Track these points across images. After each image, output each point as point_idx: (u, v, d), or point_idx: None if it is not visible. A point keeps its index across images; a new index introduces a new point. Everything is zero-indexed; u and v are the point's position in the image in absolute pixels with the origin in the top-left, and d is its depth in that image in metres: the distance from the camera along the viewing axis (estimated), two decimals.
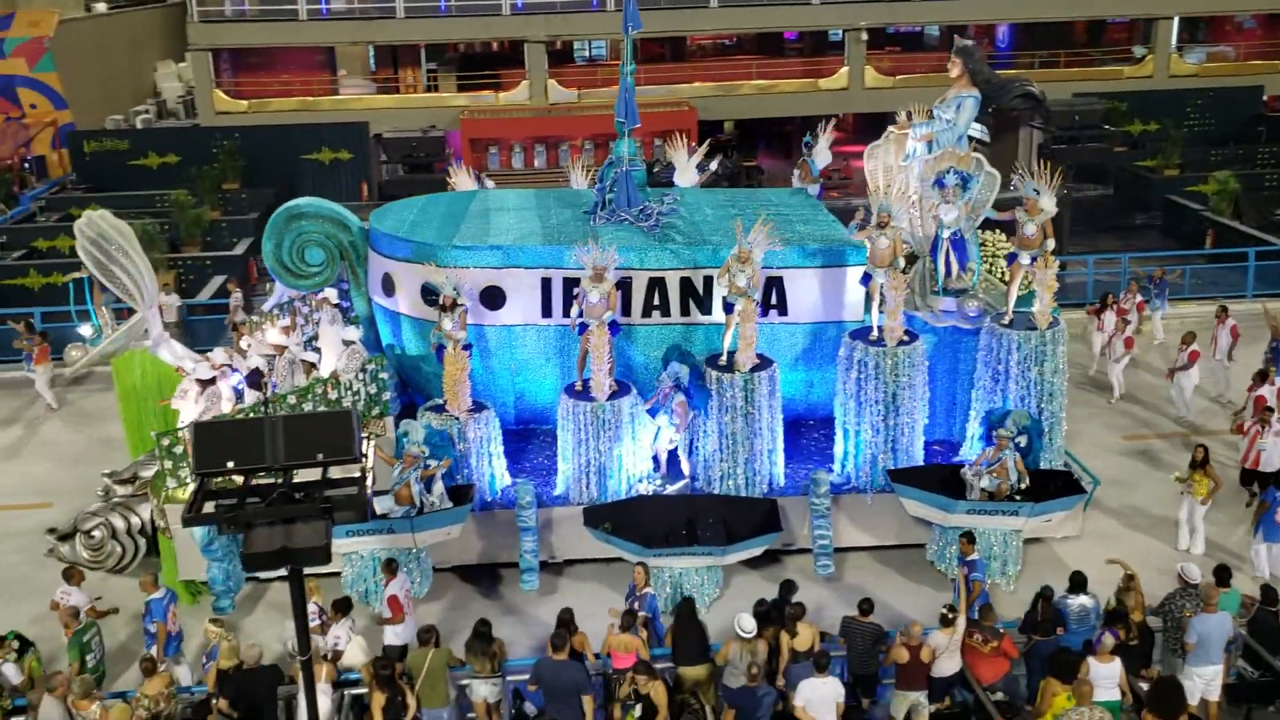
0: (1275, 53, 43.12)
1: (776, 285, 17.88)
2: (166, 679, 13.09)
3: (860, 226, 17.25)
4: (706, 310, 17.78)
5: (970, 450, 17.51)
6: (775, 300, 17.94)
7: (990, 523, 16.14)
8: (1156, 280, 24.99)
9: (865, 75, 40.97)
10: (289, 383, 17.48)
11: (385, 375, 17.78)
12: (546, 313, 17.82)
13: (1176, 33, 42.61)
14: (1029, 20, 42.58)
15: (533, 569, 16.63)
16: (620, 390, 16.97)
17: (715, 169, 22.80)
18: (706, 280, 17.65)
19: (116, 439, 19.80)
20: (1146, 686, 12.96)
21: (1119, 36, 45.55)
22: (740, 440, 16.78)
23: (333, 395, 17.00)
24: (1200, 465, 17.12)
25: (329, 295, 19.31)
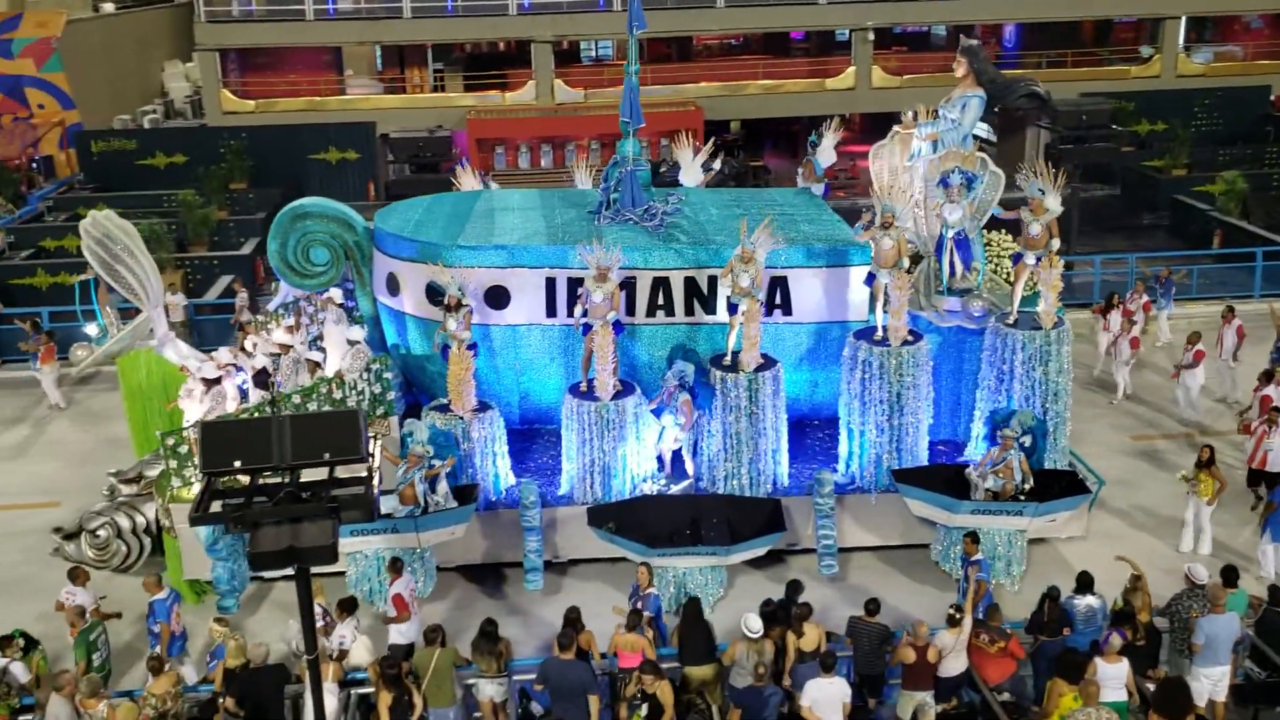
0: None
1: (781, 285, 17.87)
2: (174, 678, 13.12)
3: (866, 227, 17.23)
4: (711, 310, 17.77)
5: (975, 450, 17.48)
6: (780, 300, 17.94)
7: (995, 523, 16.11)
8: (1162, 280, 24.95)
9: (872, 75, 40.99)
10: (293, 382, 17.51)
11: (390, 375, 17.79)
12: (551, 312, 17.82)
13: (1184, 32, 42.53)
14: (1036, 20, 42.56)
15: (537, 569, 16.62)
16: (624, 390, 16.96)
17: (718, 169, 22.76)
18: (711, 280, 17.64)
19: (123, 438, 19.82)
20: (1153, 687, 12.94)
21: (1126, 36, 45.48)
22: (744, 440, 16.76)
23: (337, 395, 17.03)
24: (1206, 465, 17.08)
25: (334, 295, 19.32)
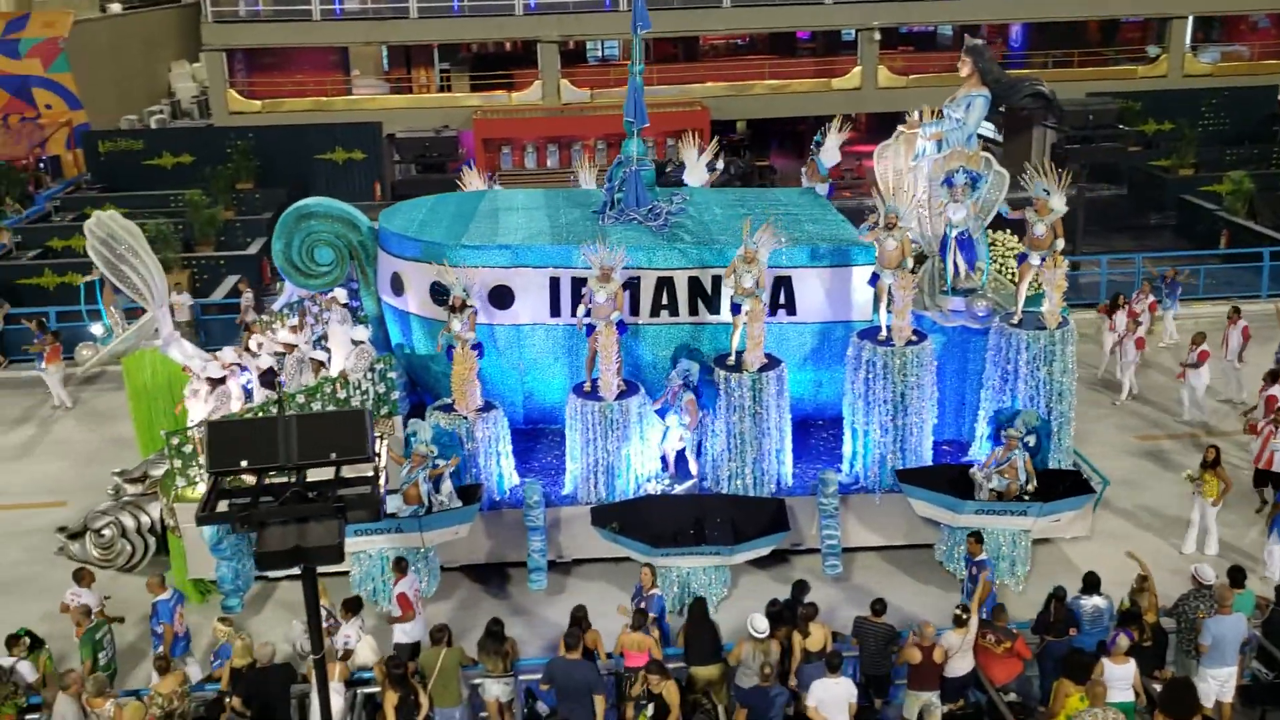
0: None
1: (785, 285, 17.87)
2: (180, 677, 13.13)
3: (870, 228, 17.22)
4: (715, 310, 17.76)
5: (979, 450, 17.46)
6: (784, 300, 17.93)
7: (999, 523, 16.10)
8: (1168, 281, 24.89)
9: (878, 75, 40.87)
10: (297, 381, 17.54)
11: (394, 374, 17.81)
12: (555, 312, 17.82)
13: (1191, 32, 42.39)
14: (1042, 20, 42.42)
15: (541, 568, 16.63)
16: (628, 390, 16.96)
17: (721, 170, 22.75)
18: (715, 280, 17.63)
19: (129, 438, 19.88)
20: (1159, 688, 12.92)
21: (1133, 36, 45.31)
22: (748, 440, 16.75)
23: (341, 394, 17.05)
24: (1211, 466, 17.04)
25: (337, 295, 19.36)
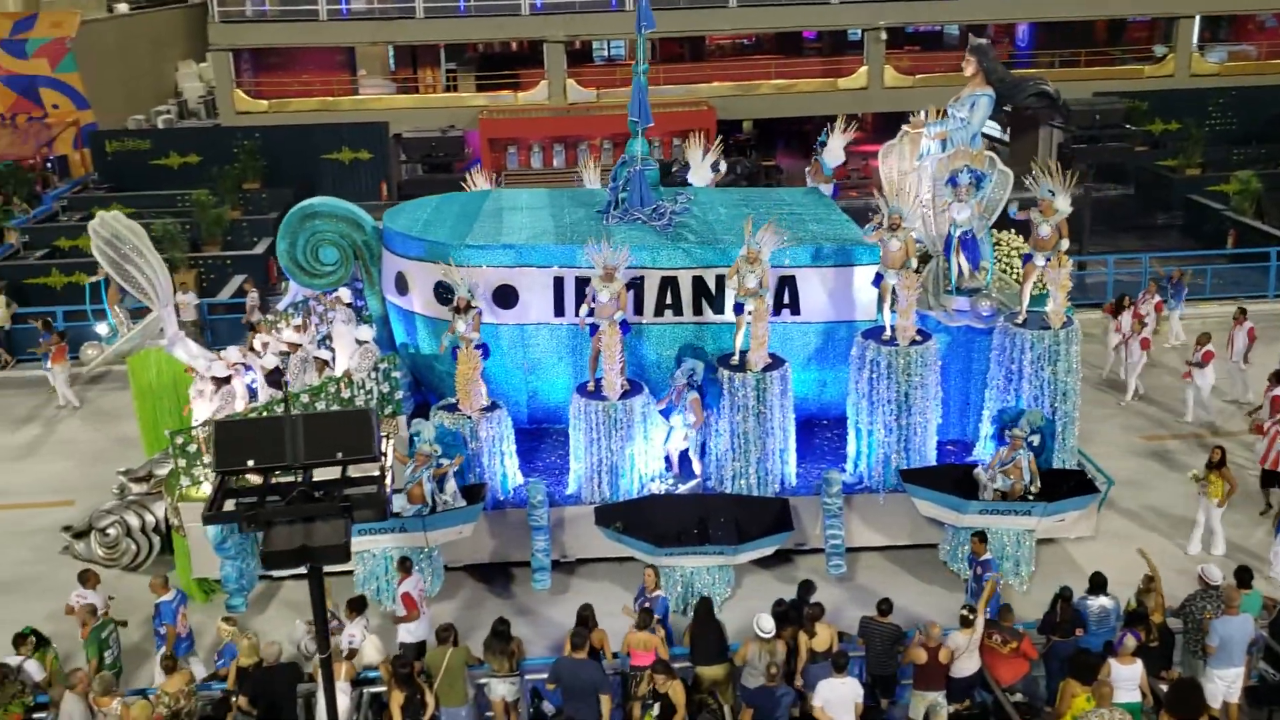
0: None
1: (789, 284, 17.85)
2: (186, 676, 13.17)
3: (875, 229, 17.20)
4: (719, 309, 17.75)
5: (983, 450, 17.44)
6: (787, 299, 17.91)
7: (1003, 523, 16.08)
8: (1174, 281, 24.83)
9: (884, 75, 40.88)
10: (301, 381, 17.56)
11: (398, 374, 17.82)
12: (559, 312, 17.82)
13: (1198, 32, 42.32)
14: (1049, 19, 42.40)
15: (544, 568, 16.63)
16: (632, 390, 16.96)
17: (724, 170, 22.75)
18: (719, 279, 17.61)
19: (135, 437, 19.91)
20: (1166, 688, 12.90)
21: (1140, 35, 45.28)
22: (752, 440, 16.73)
23: (346, 394, 17.08)
24: (1217, 467, 17.00)
25: (341, 295, 19.38)
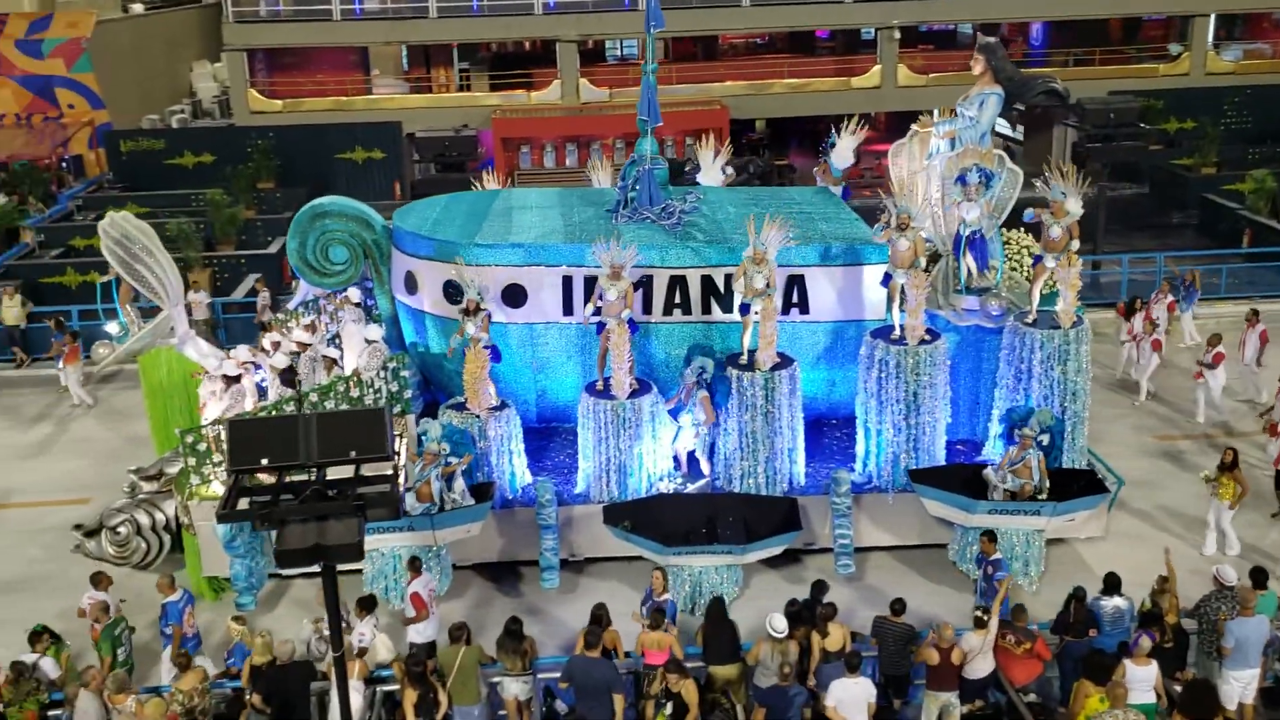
0: None
1: (798, 284, 17.85)
2: (201, 674, 13.20)
3: (884, 228, 17.17)
4: (727, 308, 17.74)
5: (992, 450, 17.40)
6: (796, 299, 17.91)
7: (1012, 523, 16.03)
8: (1186, 284, 24.65)
9: (898, 74, 40.75)
10: (311, 380, 17.63)
11: (407, 373, 17.85)
12: (568, 311, 17.85)
13: (1213, 30, 42.08)
14: (1063, 18, 42.20)
15: (553, 567, 16.66)
16: (641, 389, 16.97)
17: (733, 174, 22.73)
18: (728, 278, 17.61)
19: (148, 436, 19.95)
20: (1180, 689, 12.87)
21: (1154, 34, 45.00)
22: (761, 439, 16.73)
23: (355, 393, 17.12)
24: (1229, 468, 16.92)
25: (350, 295, 19.45)
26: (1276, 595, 14.16)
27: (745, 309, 16.62)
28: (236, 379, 17.24)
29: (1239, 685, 13.26)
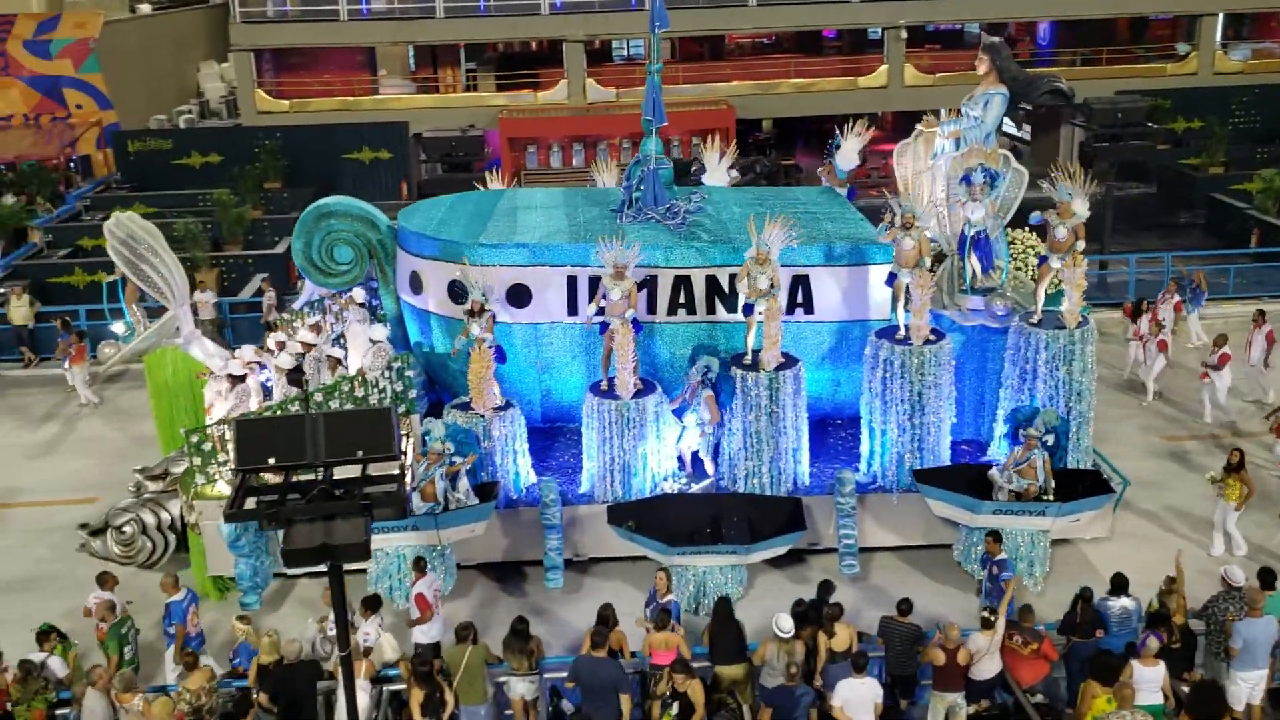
0: None
1: (803, 284, 17.81)
2: (208, 673, 13.24)
3: (888, 228, 17.16)
4: (732, 309, 17.71)
5: (997, 450, 17.37)
6: (801, 299, 17.88)
7: (1017, 523, 16.00)
8: (1193, 288, 24.55)
9: (905, 73, 40.75)
10: (315, 380, 17.66)
11: (411, 373, 17.87)
12: (573, 311, 17.82)
13: (1221, 29, 42.02)
14: (1070, 17, 42.17)
15: (557, 567, 16.64)
16: (645, 389, 16.96)
17: (738, 177, 22.71)
18: (732, 278, 17.58)
19: (154, 435, 20.02)
20: (1187, 690, 12.84)
21: (1162, 33, 44.94)
22: (765, 439, 16.70)
23: (359, 393, 17.14)
24: (1236, 469, 16.88)
25: (355, 295, 19.47)
26: None
27: (749, 309, 16.61)
28: (241, 379, 17.27)
29: (1247, 686, 13.23)
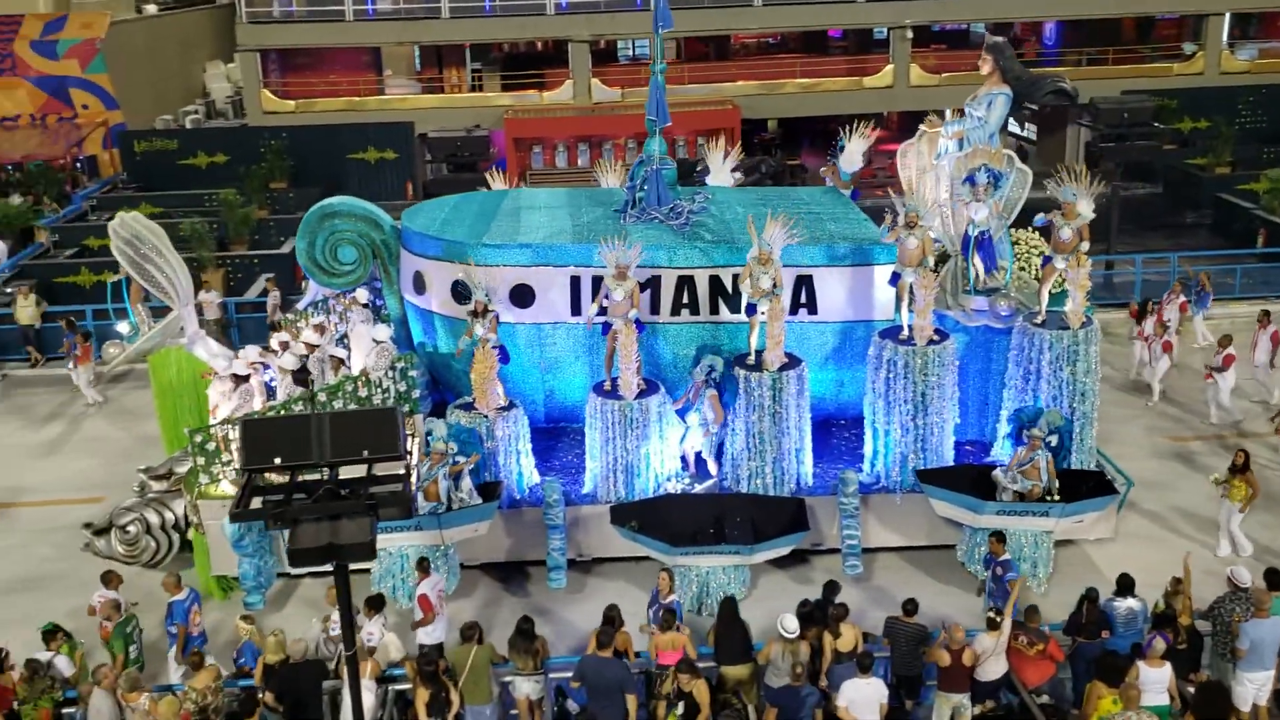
0: None
1: (806, 284, 17.81)
2: (214, 672, 13.23)
3: (891, 228, 17.15)
4: (735, 309, 17.70)
5: (1001, 450, 17.35)
6: (804, 299, 17.87)
7: (1020, 524, 15.99)
8: (1199, 291, 24.47)
9: (910, 73, 40.69)
10: (319, 380, 17.68)
11: (415, 373, 17.88)
12: (576, 311, 17.83)
13: (1228, 29, 41.91)
14: (1076, 17, 42.09)
15: (560, 567, 16.66)
16: (648, 389, 16.96)
17: (742, 178, 22.70)
18: (735, 278, 17.56)
19: (159, 435, 20.05)
20: (1193, 690, 12.82)
21: (1168, 33, 44.85)
22: (768, 439, 16.69)
23: (363, 393, 17.16)
24: (1241, 470, 16.84)
25: (358, 296, 19.48)
26: None
27: (752, 309, 16.60)
28: (245, 379, 17.30)
29: (1253, 687, 13.20)
